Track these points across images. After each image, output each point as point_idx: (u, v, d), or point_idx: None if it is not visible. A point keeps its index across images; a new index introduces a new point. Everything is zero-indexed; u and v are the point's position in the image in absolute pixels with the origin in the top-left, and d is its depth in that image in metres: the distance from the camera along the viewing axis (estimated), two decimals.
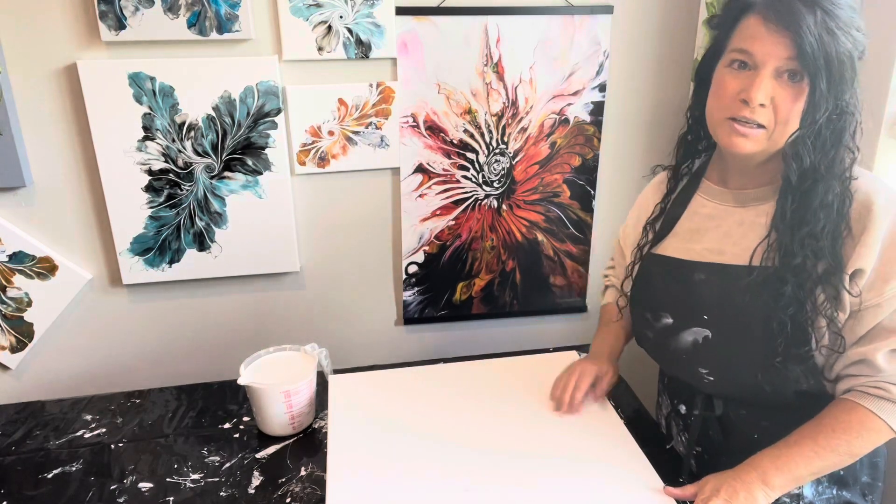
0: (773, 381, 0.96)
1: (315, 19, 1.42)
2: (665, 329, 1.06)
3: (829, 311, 0.91)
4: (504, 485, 1.02)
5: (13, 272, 1.48)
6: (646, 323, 1.11)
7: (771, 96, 0.87)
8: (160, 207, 1.50)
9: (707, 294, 1.00)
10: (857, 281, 0.90)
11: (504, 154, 1.63)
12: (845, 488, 1.04)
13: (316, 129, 1.51)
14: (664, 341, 1.07)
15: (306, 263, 1.65)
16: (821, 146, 0.89)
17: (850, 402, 0.93)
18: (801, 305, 0.91)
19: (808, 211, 0.90)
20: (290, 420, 1.22)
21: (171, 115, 1.43)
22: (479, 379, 1.31)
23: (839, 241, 0.90)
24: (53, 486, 1.13)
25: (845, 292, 0.90)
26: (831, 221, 0.89)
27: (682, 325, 1.04)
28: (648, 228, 1.13)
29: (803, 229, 0.90)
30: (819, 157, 0.89)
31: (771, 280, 0.92)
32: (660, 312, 1.07)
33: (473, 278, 1.74)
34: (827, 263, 0.90)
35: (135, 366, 1.64)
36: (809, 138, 0.88)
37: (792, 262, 0.90)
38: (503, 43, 1.52)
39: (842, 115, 0.88)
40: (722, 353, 1.00)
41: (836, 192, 0.89)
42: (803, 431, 0.94)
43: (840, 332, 0.91)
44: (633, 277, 1.14)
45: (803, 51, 0.83)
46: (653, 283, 1.09)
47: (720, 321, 0.99)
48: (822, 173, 0.89)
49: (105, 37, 1.34)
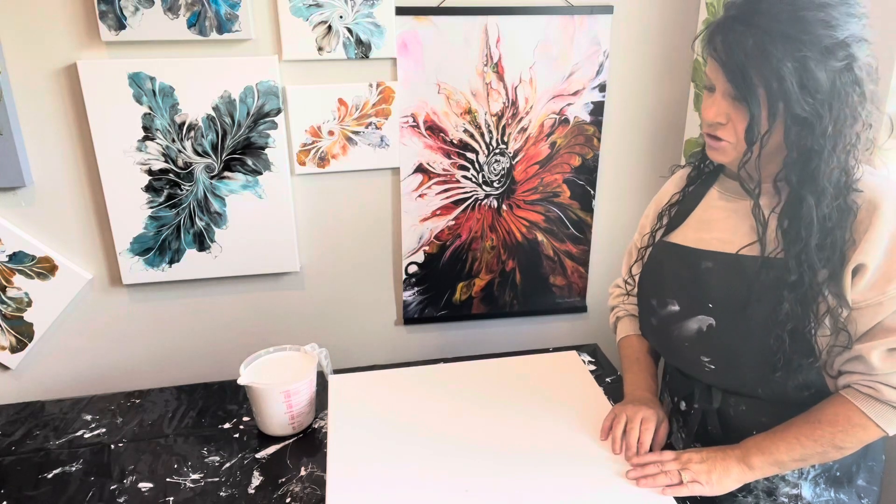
0: (773, 391, 0.98)
1: (315, 19, 1.42)
2: (670, 316, 1.07)
3: (834, 314, 0.91)
4: (504, 485, 1.02)
5: (13, 272, 1.48)
6: (651, 309, 1.12)
7: (727, 114, 0.92)
8: (160, 207, 1.50)
9: (713, 282, 1.01)
10: (860, 276, 0.90)
11: (504, 154, 1.63)
12: (842, 491, 1.05)
13: (316, 129, 1.51)
14: (668, 328, 1.08)
15: (306, 263, 1.65)
16: (792, 163, 0.89)
17: (841, 397, 0.95)
18: (800, 320, 0.91)
19: (800, 227, 0.90)
20: (290, 420, 1.22)
21: (171, 115, 1.43)
22: (479, 379, 1.31)
23: (840, 249, 0.90)
24: (53, 486, 1.13)
25: (847, 288, 0.90)
26: (830, 235, 0.89)
27: (688, 312, 1.04)
28: (664, 215, 1.14)
29: (797, 245, 0.90)
30: (796, 173, 0.89)
31: (768, 295, 0.93)
32: (666, 299, 1.08)
33: (473, 278, 1.74)
34: (829, 271, 0.90)
35: (135, 366, 1.64)
36: (768, 157, 0.91)
37: (788, 278, 0.91)
38: (503, 43, 1.52)
39: (810, 129, 0.86)
40: (725, 342, 1.01)
41: (831, 206, 0.89)
42: (792, 421, 0.98)
43: (846, 328, 0.92)
44: (643, 263, 1.15)
45: (732, 76, 0.87)
46: (661, 269, 1.10)
47: (725, 310, 1.00)
48: (805, 189, 0.89)
49: (105, 37, 1.34)
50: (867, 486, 1.07)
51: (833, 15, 0.84)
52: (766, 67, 0.84)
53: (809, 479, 1.03)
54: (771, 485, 1.05)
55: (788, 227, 0.92)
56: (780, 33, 0.83)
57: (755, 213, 0.95)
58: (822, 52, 0.83)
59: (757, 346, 0.96)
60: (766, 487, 1.05)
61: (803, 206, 0.89)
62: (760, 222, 0.95)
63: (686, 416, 1.15)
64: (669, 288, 1.08)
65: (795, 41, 0.83)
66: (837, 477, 1.04)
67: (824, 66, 0.84)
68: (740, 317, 0.97)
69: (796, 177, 0.90)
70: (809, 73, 0.83)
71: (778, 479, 1.04)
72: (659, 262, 1.12)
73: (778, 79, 0.84)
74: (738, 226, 1.01)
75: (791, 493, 1.04)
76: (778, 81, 0.84)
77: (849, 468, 1.04)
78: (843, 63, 0.85)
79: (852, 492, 1.05)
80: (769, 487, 1.05)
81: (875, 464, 1.08)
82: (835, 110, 0.85)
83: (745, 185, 0.97)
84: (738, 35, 0.86)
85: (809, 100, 0.84)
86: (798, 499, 1.04)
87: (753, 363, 0.97)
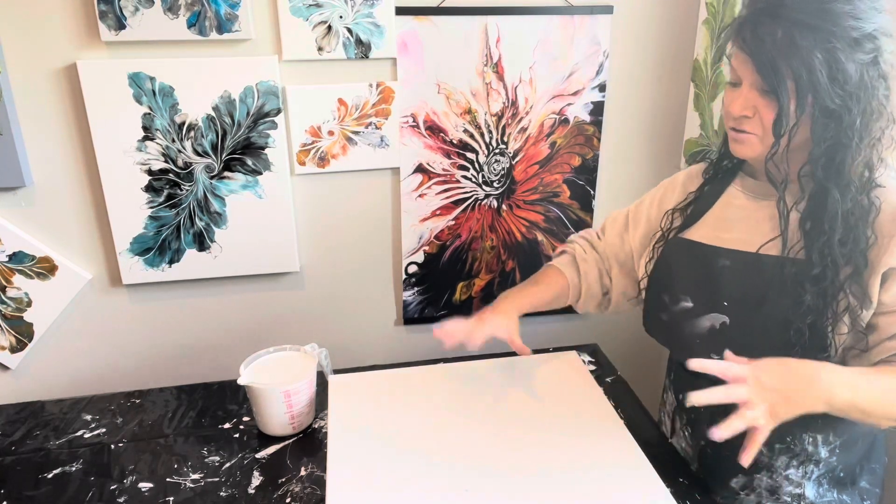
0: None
1: (315, 19, 1.42)
2: (683, 312, 1.06)
3: (854, 314, 0.90)
4: (504, 485, 1.02)
5: (13, 272, 1.48)
6: (661, 305, 1.11)
7: (754, 107, 0.91)
8: (160, 207, 1.50)
9: (730, 280, 1.00)
10: (892, 280, 0.89)
11: (504, 154, 1.63)
12: (845, 492, 1.05)
13: (316, 129, 1.51)
14: (680, 325, 1.07)
15: (306, 263, 1.65)
16: (819, 157, 0.89)
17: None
18: (820, 314, 0.91)
19: (823, 220, 0.90)
20: (290, 420, 1.22)
21: (171, 115, 1.43)
22: (479, 379, 1.31)
23: (862, 246, 0.89)
24: (53, 486, 1.13)
25: (874, 292, 0.89)
26: (853, 230, 0.89)
27: (702, 309, 1.04)
28: (678, 214, 1.13)
29: (821, 239, 0.90)
30: (822, 166, 0.89)
31: (791, 287, 0.93)
32: (679, 295, 1.07)
33: (473, 278, 1.74)
34: (851, 268, 0.90)
35: (135, 366, 1.64)
36: (795, 151, 0.91)
37: (811, 271, 0.91)
38: (503, 43, 1.52)
39: (838, 121, 0.86)
40: (738, 341, 1.00)
41: (855, 201, 0.89)
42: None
43: (865, 332, 0.91)
44: (654, 260, 1.15)
45: (761, 68, 0.87)
46: (675, 266, 1.10)
47: (739, 309, 0.99)
48: (831, 182, 0.89)
49: (105, 37, 1.34)
50: (870, 489, 1.07)
51: (860, 7, 0.84)
52: (796, 59, 0.84)
53: (813, 480, 1.03)
54: (774, 483, 1.05)
55: (812, 222, 0.91)
56: (808, 25, 0.83)
57: (780, 207, 0.95)
58: (851, 43, 0.84)
59: (771, 344, 0.95)
60: (770, 486, 1.05)
61: (829, 200, 0.89)
62: (784, 217, 0.94)
63: (690, 415, 1.14)
64: (683, 285, 1.07)
65: (824, 32, 0.83)
66: (841, 478, 1.04)
67: (853, 58, 0.84)
68: (756, 315, 0.97)
69: (823, 170, 0.89)
70: (839, 64, 0.83)
71: (781, 479, 1.04)
72: (673, 258, 1.11)
73: (808, 70, 0.83)
74: (758, 225, 1.01)
75: (794, 493, 1.04)
76: (808, 73, 0.83)
77: (852, 469, 1.04)
78: (870, 56, 0.85)
79: (855, 493, 1.05)
80: (772, 486, 1.05)
81: (878, 466, 1.08)
82: (862, 103, 0.86)
83: (772, 178, 0.96)
84: (767, 27, 0.85)
85: (839, 91, 0.84)
86: (801, 498, 1.04)
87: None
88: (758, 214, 1.01)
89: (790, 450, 1.03)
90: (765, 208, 1.00)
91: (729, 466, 1.07)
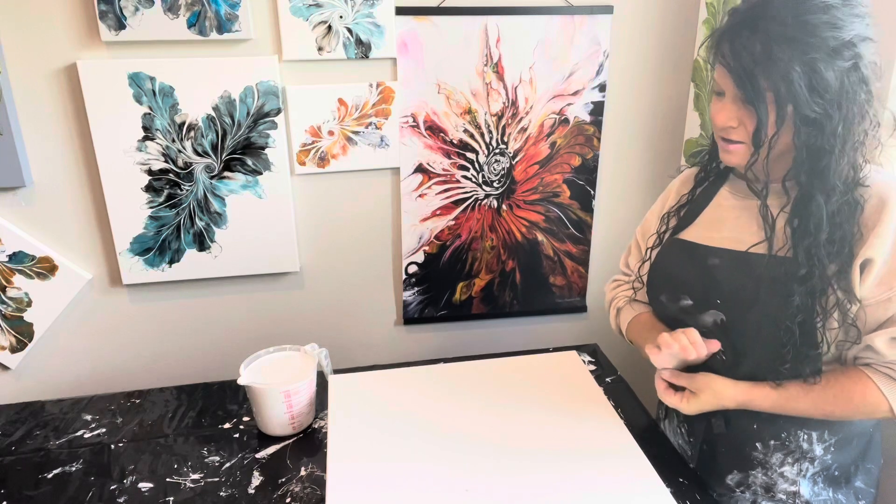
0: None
1: (315, 19, 1.42)
2: (684, 310, 1.08)
3: (843, 308, 0.91)
4: (504, 485, 1.02)
5: (13, 272, 1.48)
6: (660, 305, 1.12)
7: (738, 118, 0.93)
8: (160, 207, 1.50)
9: (721, 279, 1.01)
10: (868, 272, 0.91)
11: (504, 154, 1.63)
12: (840, 491, 1.05)
13: (316, 129, 1.51)
14: (684, 323, 1.07)
15: (306, 263, 1.65)
16: (803, 163, 0.90)
17: (860, 371, 0.95)
18: (809, 312, 0.92)
19: (809, 223, 0.91)
20: (290, 420, 1.22)
21: (171, 115, 1.43)
22: (479, 379, 1.31)
23: (849, 244, 0.91)
24: (53, 486, 1.13)
25: (856, 283, 0.91)
26: (839, 229, 0.90)
27: (701, 307, 1.05)
28: (672, 216, 1.15)
29: (806, 240, 0.91)
30: (806, 172, 0.90)
31: (779, 286, 0.94)
32: (678, 294, 1.08)
33: (473, 278, 1.74)
34: (837, 265, 0.91)
35: (135, 366, 1.64)
36: (779, 157, 0.93)
37: (798, 272, 0.92)
38: (503, 43, 1.52)
39: (820, 129, 0.87)
40: (735, 337, 1.01)
41: (841, 202, 0.90)
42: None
43: (855, 324, 0.93)
44: (651, 262, 1.16)
45: (739, 81, 0.88)
46: (670, 266, 1.11)
47: (732, 307, 1.00)
48: (815, 187, 0.90)
49: (105, 37, 1.34)
50: (865, 489, 1.07)
51: (837, 16, 0.85)
52: (774, 71, 0.85)
53: (808, 477, 1.04)
54: (770, 481, 1.05)
55: (798, 225, 0.92)
56: (786, 37, 0.84)
57: (762, 213, 0.96)
58: (830, 53, 0.84)
59: (766, 340, 0.96)
60: (765, 483, 1.05)
61: (812, 204, 0.90)
62: (768, 222, 0.96)
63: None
64: (679, 284, 1.08)
65: (802, 44, 0.84)
66: (836, 477, 1.04)
67: (832, 66, 0.84)
68: (749, 312, 0.98)
69: (806, 176, 0.91)
70: (818, 74, 0.84)
71: (777, 476, 1.04)
72: (668, 258, 1.12)
73: (786, 82, 0.84)
74: (748, 224, 1.01)
75: (789, 490, 1.04)
76: (786, 85, 0.85)
77: (847, 469, 1.05)
78: (850, 63, 0.85)
79: (850, 493, 1.06)
80: (767, 483, 1.05)
81: (873, 466, 1.08)
82: (844, 109, 0.86)
83: (752, 187, 0.98)
84: (744, 40, 0.86)
85: (819, 100, 0.85)
86: (796, 496, 1.04)
87: (763, 357, 0.98)
88: (747, 214, 1.02)
89: (785, 446, 1.03)
90: (754, 208, 1.01)
91: (725, 464, 1.08)
